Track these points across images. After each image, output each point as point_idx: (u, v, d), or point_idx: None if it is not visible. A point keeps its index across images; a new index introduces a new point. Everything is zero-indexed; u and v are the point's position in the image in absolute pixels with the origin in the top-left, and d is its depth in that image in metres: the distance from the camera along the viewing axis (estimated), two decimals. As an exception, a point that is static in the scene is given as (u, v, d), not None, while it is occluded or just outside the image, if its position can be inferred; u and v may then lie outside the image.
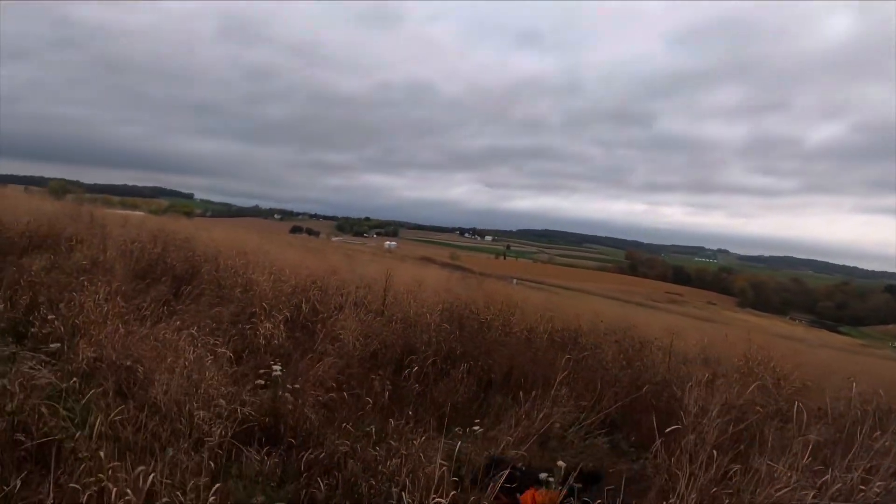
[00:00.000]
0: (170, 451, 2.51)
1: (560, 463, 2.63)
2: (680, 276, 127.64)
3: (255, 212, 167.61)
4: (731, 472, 2.82)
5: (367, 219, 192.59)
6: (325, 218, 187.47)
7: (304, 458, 2.74)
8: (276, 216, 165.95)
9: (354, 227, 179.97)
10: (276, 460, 2.82)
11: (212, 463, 2.55)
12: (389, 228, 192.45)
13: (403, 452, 2.70)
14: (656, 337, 6.83)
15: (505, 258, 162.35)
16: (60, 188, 38.81)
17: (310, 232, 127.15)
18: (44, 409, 2.23)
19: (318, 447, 2.71)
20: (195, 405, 2.98)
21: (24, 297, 4.46)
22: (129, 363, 3.44)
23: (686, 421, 4.12)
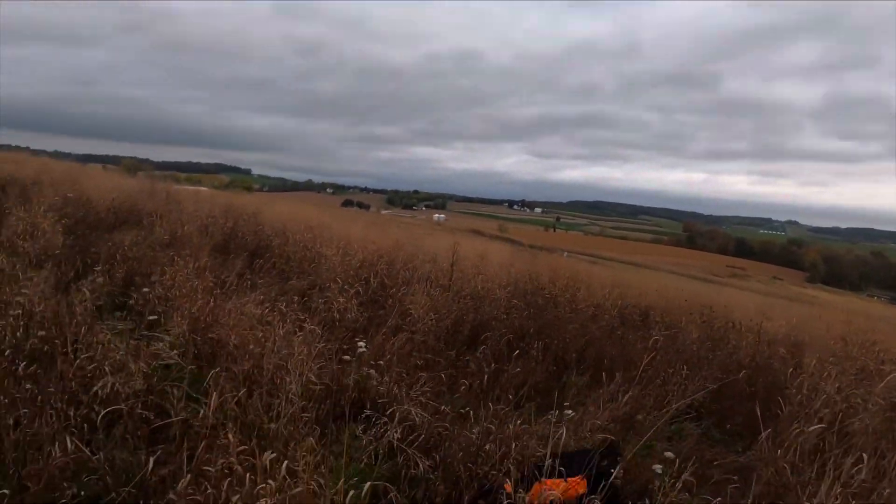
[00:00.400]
0: (272, 427, 2.54)
1: (668, 454, 2.45)
2: (743, 249, 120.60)
3: (309, 186, 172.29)
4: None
5: (416, 192, 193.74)
6: (375, 191, 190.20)
7: (398, 437, 2.70)
8: (328, 190, 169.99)
9: (404, 199, 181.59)
10: (370, 437, 2.81)
11: (311, 439, 2.55)
12: (438, 201, 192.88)
13: (500, 436, 2.61)
14: (742, 317, 6.39)
15: (555, 230, 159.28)
16: (133, 166, 41.13)
17: (360, 205, 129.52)
18: (173, 390, 2.30)
19: (415, 428, 2.67)
20: (289, 380, 3.01)
21: (120, 271, 4.70)
22: (220, 336, 3.53)
23: (789, 409, 3.83)
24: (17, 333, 2.86)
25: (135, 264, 4.91)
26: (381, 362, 3.56)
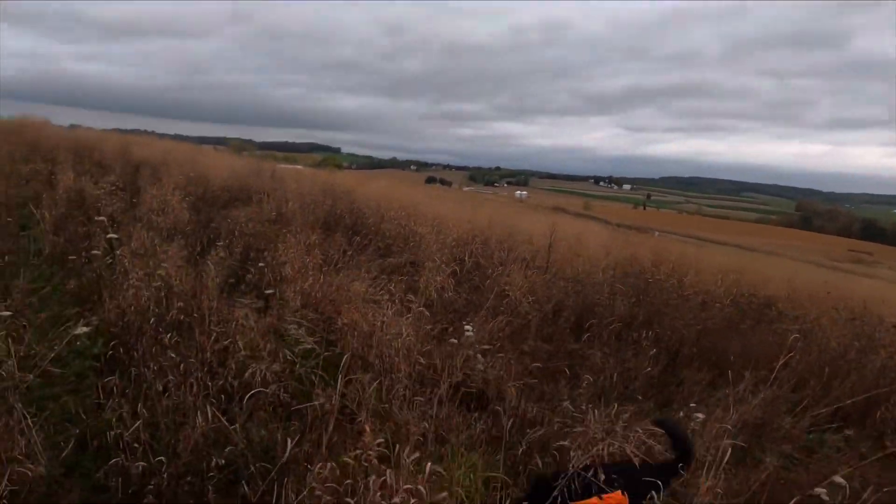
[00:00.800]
0: (385, 407, 2.52)
1: (838, 479, 2.09)
2: (870, 231, 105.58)
3: (394, 163, 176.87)
4: None
5: (498, 168, 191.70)
6: (458, 168, 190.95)
7: (513, 428, 2.59)
8: (412, 167, 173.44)
9: (485, 176, 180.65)
10: (483, 426, 2.73)
11: (425, 423, 2.51)
12: (520, 178, 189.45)
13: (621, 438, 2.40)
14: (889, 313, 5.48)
15: (644, 208, 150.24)
16: (239, 146, 44.46)
17: (442, 182, 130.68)
18: (312, 375, 2.39)
19: (533, 423, 2.54)
20: (397, 361, 3.00)
21: (238, 246, 5.03)
22: (331, 315, 3.62)
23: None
24: (161, 305, 3.12)
25: (251, 240, 5.23)
26: (487, 346, 3.46)
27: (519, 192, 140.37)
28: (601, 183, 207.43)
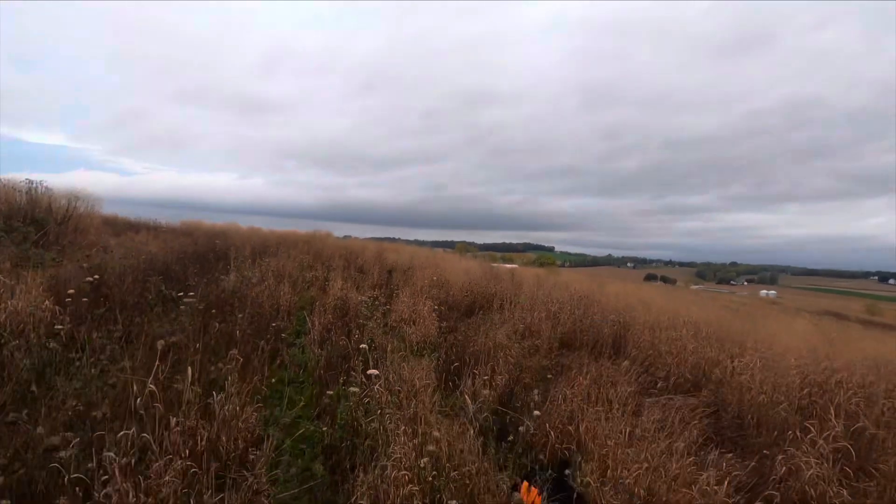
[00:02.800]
0: None
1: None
2: None
3: (608, 260, 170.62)
4: None
5: (734, 263, 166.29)
6: (681, 264, 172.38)
7: None
8: (628, 264, 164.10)
9: (718, 273, 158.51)
10: None
11: None
12: (764, 274, 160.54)
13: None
14: None
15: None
16: (464, 248, 48.29)
17: (664, 279, 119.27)
18: None
19: None
20: None
21: (500, 378, 3.99)
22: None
23: None
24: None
25: (515, 371, 4.17)
26: None
27: (765, 290, 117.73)
28: (891, 281, 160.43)
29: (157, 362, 2.99)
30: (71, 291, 5.02)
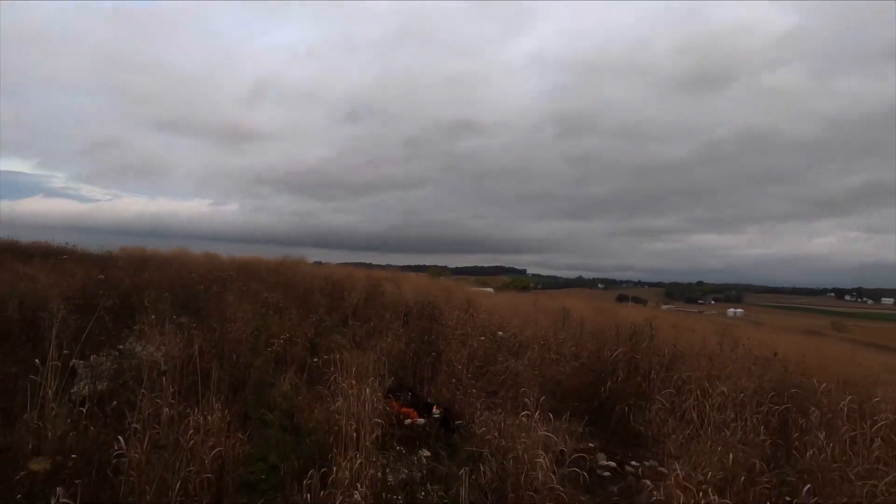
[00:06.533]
0: None
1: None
2: None
3: (579, 282, 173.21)
4: None
5: (700, 283, 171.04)
6: (650, 285, 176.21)
7: None
8: (599, 285, 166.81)
9: (685, 293, 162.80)
10: None
11: None
12: (728, 293, 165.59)
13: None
14: None
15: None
16: (436, 272, 48.34)
17: (636, 300, 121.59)
18: None
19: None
20: None
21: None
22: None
23: None
24: None
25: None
26: None
27: (732, 309, 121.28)
28: (847, 297, 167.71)
29: None
30: None
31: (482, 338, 6.18)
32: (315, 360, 5.16)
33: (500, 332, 6.30)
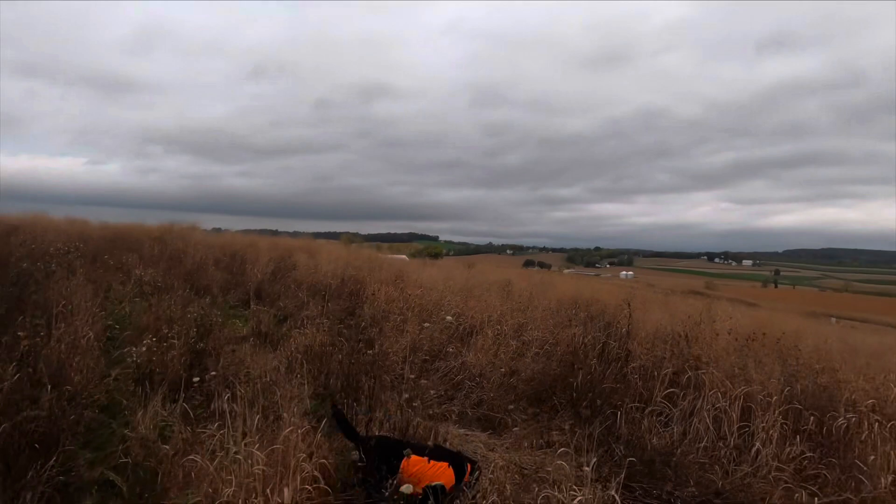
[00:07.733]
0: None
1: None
2: None
3: (490, 248, 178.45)
4: None
5: (598, 248, 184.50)
6: (554, 250, 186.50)
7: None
8: (508, 251, 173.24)
9: (585, 257, 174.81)
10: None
11: None
12: (622, 257, 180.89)
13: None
14: None
15: (776, 286, 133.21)
16: (349, 239, 46.35)
17: (541, 265, 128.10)
18: None
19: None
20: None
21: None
22: None
23: None
24: None
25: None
26: None
27: (624, 272, 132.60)
28: (716, 259, 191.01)
29: None
30: None
31: (426, 324, 5.01)
32: (196, 379, 3.40)
33: (448, 317, 5.18)
